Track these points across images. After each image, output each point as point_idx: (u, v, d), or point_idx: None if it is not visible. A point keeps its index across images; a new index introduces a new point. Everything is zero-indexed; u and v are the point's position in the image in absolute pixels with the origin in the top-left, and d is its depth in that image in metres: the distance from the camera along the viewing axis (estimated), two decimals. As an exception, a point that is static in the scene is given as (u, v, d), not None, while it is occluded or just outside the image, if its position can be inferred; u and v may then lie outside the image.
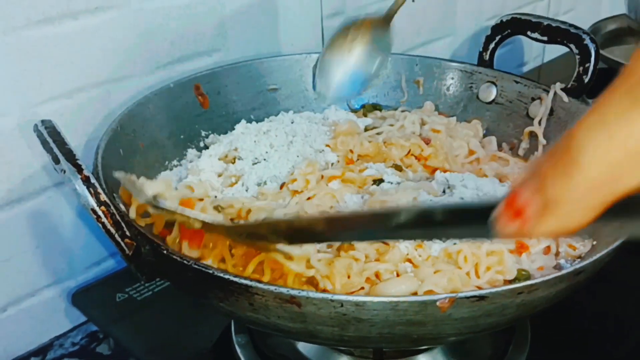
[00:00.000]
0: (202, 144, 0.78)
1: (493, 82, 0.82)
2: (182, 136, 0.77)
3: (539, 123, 0.76)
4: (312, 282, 0.58)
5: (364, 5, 1.00)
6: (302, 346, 0.70)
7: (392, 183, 0.67)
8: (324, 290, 0.56)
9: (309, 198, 0.64)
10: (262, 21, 0.90)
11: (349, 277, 0.57)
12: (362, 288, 0.57)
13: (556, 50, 1.39)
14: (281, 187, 0.68)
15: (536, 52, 1.38)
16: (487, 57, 0.83)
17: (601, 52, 0.78)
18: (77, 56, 0.72)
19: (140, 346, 0.72)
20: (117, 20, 0.75)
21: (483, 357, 0.70)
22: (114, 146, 0.65)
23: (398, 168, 0.70)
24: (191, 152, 0.77)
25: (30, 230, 0.74)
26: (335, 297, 0.47)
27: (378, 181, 0.67)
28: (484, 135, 0.81)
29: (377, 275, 0.57)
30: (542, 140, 0.76)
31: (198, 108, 0.79)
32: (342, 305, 0.47)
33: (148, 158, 0.72)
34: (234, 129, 0.79)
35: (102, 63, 0.75)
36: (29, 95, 0.70)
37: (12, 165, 0.71)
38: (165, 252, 0.51)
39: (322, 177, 0.68)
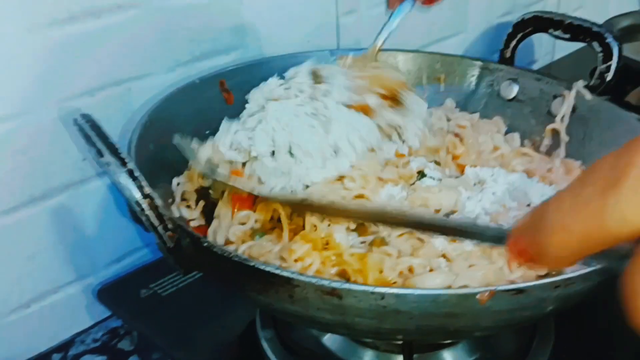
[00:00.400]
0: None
1: (514, 80, 0.83)
2: (207, 131, 0.77)
3: (562, 120, 0.76)
4: (343, 276, 0.59)
5: (378, 3, 1.01)
6: (327, 340, 0.70)
7: (433, 179, 0.67)
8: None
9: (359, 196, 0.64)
10: (279, 19, 0.91)
11: (381, 272, 0.58)
12: (395, 282, 0.57)
13: (564, 49, 1.40)
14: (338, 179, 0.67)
15: (545, 50, 1.39)
16: (508, 54, 0.84)
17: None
18: (100, 54, 0.73)
19: (165, 341, 0.73)
20: (138, 18, 0.75)
21: (507, 352, 0.70)
22: (144, 141, 0.66)
23: (437, 163, 0.70)
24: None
25: (53, 227, 0.75)
26: (377, 289, 0.47)
27: (420, 174, 0.68)
28: (506, 133, 0.82)
29: (410, 270, 0.58)
30: (564, 137, 0.77)
31: (223, 104, 0.79)
32: (383, 298, 0.47)
33: (176, 153, 0.72)
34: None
35: (124, 61, 0.76)
36: (52, 93, 0.70)
37: (35, 162, 0.71)
38: (205, 244, 0.51)
39: (379, 179, 0.67)
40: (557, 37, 0.79)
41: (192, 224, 0.68)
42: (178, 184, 0.69)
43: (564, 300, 0.51)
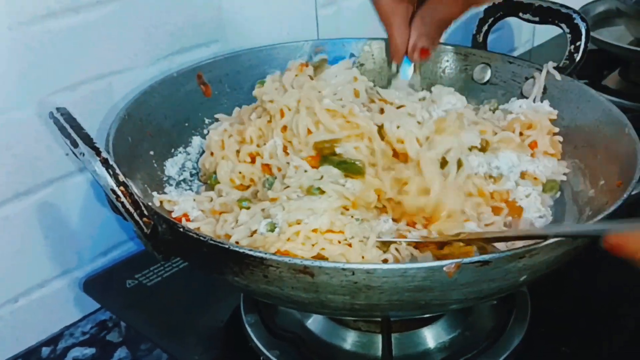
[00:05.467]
0: (205, 132, 0.79)
1: (487, 63, 0.84)
2: (186, 124, 0.78)
3: (534, 101, 0.78)
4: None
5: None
6: (311, 323, 0.71)
7: None
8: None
9: None
10: (258, 12, 0.92)
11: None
12: None
13: (545, 35, 1.41)
14: None
15: (526, 37, 1.40)
16: (480, 39, 0.85)
17: (590, 33, 0.80)
18: (80, 49, 0.74)
19: (153, 330, 0.74)
20: (118, 13, 0.76)
21: (485, 329, 0.71)
22: (122, 134, 0.67)
23: None
24: (196, 140, 0.79)
25: (39, 222, 0.76)
26: (347, 265, 0.49)
27: None
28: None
29: None
30: (536, 117, 0.79)
31: (201, 96, 0.80)
32: (353, 274, 0.49)
33: (155, 145, 0.73)
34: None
35: (104, 56, 0.76)
36: (35, 89, 0.71)
37: (20, 158, 0.72)
38: (181, 229, 0.53)
39: None
40: (527, 20, 0.81)
41: (174, 214, 0.69)
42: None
43: (531, 270, 0.53)
